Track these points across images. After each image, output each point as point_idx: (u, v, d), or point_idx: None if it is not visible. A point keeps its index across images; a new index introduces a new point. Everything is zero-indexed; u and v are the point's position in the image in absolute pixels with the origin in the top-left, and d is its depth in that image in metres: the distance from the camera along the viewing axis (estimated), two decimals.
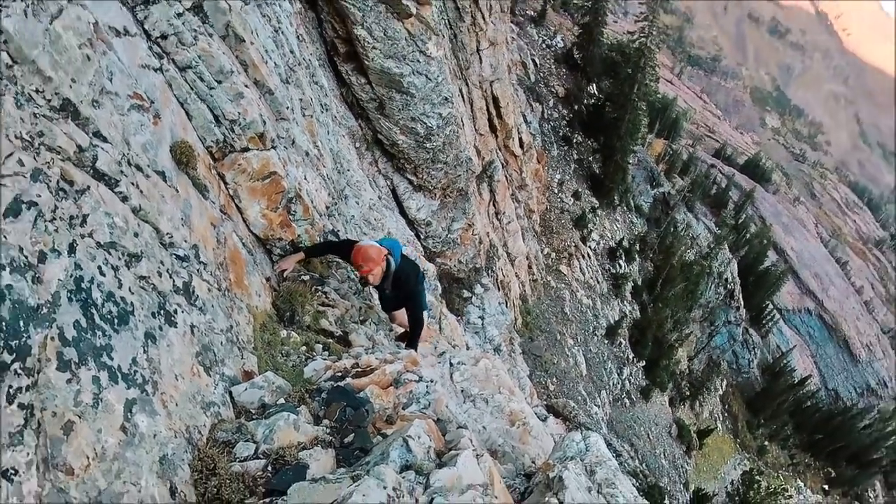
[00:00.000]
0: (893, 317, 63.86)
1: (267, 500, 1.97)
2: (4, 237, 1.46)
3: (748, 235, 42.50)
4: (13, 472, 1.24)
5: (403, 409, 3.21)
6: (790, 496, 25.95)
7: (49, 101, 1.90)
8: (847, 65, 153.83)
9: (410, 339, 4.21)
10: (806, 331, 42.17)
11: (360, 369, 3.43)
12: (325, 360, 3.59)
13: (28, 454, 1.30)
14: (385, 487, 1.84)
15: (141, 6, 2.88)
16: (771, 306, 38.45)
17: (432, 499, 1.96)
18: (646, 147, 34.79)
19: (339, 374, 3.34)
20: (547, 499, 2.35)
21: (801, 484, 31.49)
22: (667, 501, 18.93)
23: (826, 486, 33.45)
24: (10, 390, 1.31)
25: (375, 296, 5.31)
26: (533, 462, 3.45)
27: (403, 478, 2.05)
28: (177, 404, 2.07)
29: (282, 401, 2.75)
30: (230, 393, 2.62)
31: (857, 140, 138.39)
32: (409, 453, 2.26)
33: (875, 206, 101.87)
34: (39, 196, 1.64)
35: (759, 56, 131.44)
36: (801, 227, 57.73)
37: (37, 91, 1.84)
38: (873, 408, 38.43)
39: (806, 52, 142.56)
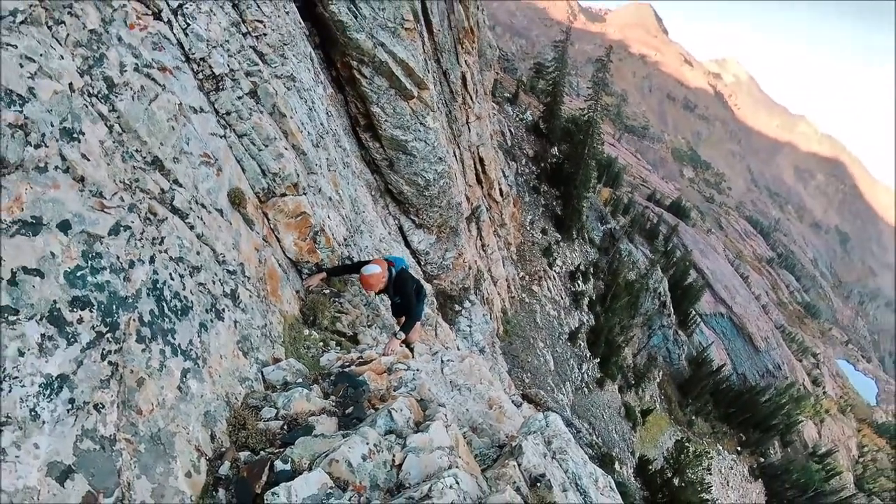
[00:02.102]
0: (783, 316, 64.67)
1: (281, 448, 2.00)
2: (107, 248, 1.59)
3: (675, 259, 42.79)
4: (101, 406, 1.36)
5: (394, 390, 3.18)
6: (711, 457, 26.10)
7: (144, 157, 2.04)
8: (739, 130, 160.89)
9: (403, 325, 4.01)
10: (720, 330, 42.25)
11: (362, 360, 3.46)
12: (337, 353, 3.55)
13: (112, 396, 1.40)
14: (367, 443, 1.89)
15: (213, 91, 3.01)
16: (694, 312, 38.67)
17: (407, 455, 1.99)
18: (596, 194, 35.28)
19: (347, 363, 3.31)
20: (509, 461, 2.37)
21: (720, 447, 31.45)
22: (617, 465, 18.61)
23: (738, 448, 33.41)
24: (104, 351, 1.43)
25: (385, 304, 5.19)
26: (506, 437, 3.43)
27: (385, 439, 2.07)
28: (220, 376, 2.12)
29: (300, 380, 2.75)
30: (262, 372, 2.64)
31: (750, 185, 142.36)
32: (392, 421, 2.27)
33: (765, 234, 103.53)
34: (133, 222, 1.77)
35: (676, 125, 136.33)
36: (714, 252, 58.07)
37: (136, 150, 1.99)
38: (771, 386, 38.78)
39: (710, 122, 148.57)
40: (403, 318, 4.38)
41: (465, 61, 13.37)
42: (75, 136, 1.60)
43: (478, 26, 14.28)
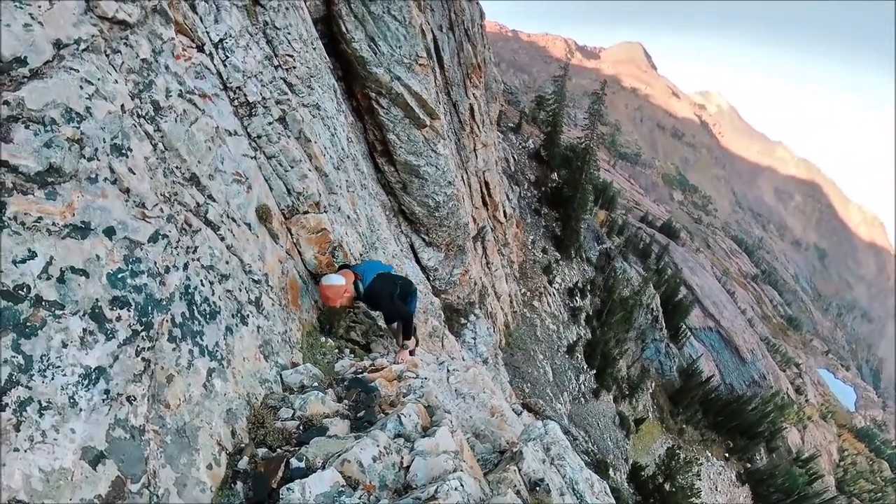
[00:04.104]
0: (767, 329, 63.39)
1: (296, 447, 1.97)
2: (147, 254, 1.61)
3: (666, 276, 42.14)
4: (133, 398, 1.36)
5: (403, 396, 3.15)
6: (701, 463, 25.47)
7: (183, 174, 2.08)
8: (723, 156, 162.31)
9: (403, 332, 3.69)
10: (709, 343, 41.34)
11: (374, 367, 3.43)
12: (350, 360, 3.51)
13: (143, 389, 1.40)
14: (378, 445, 1.86)
15: (246, 117, 3.07)
16: (684, 326, 37.96)
17: (414, 457, 1.95)
18: (592, 216, 35.10)
19: (359, 370, 3.28)
20: (510, 466, 2.32)
21: (709, 454, 30.42)
22: (611, 471, 18.04)
23: (726, 454, 32.30)
24: (138, 348, 1.43)
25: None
26: (507, 443, 3.38)
27: (394, 442, 2.04)
28: (242, 377, 2.10)
29: (316, 384, 2.72)
30: (281, 375, 2.61)
31: (734, 206, 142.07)
32: (401, 426, 2.24)
33: (749, 252, 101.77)
34: (170, 232, 1.80)
35: (666, 152, 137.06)
36: (702, 269, 57.12)
37: (176, 167, 2.03)
38: (757, 395, 37.60)
39: (696, 149, 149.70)
40: (394, 324, 4.00)
41: (473, 94, 13.67)
42: (124, 151, 1.65)
43: (484, 63, 14.65)
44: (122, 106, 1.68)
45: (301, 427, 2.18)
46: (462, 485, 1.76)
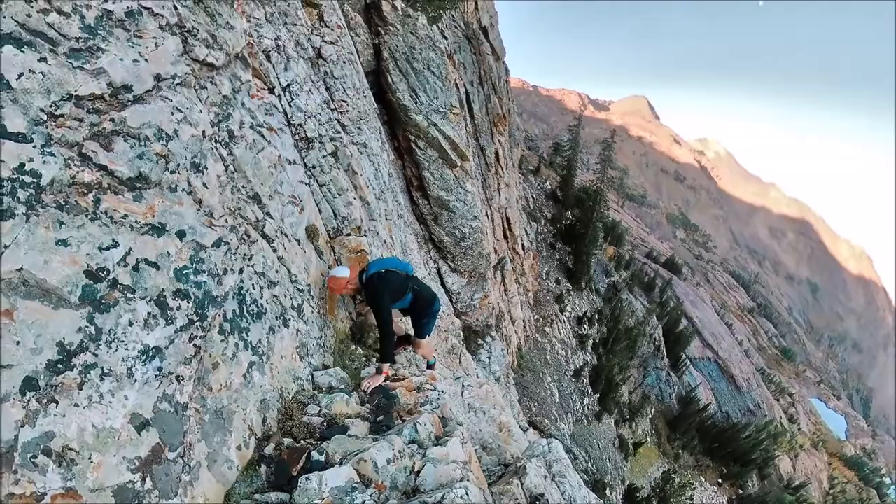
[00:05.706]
0: (762, 359, 57.67)
1: (319, 441, 1.92)
2: (209, 256, 1.66)
3: (668, 309, 39.75)
4: (181, 378, 1.36)
5: (420, 406, 3.04)
6: (695, 488, 23.44)
7: (247, 192, 2.16)
8: (721, 197, 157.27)
9: (381, 348, 2.92)
10: (707, 372, 38.05)
11: (396, 377, 3.34)
12: (376, 368, 3.55)
13: (191, 371, 1.40)
14: (393, 449, 1.80)
15: (304, 150, 3.21)
16: (684, 356, 35.36)
17: (425, 464, 1.87)
18: (602, 251, 34.07)
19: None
20: (513, 479, 2.21)
21: (703, 479, 27.21)
22: (608, 491, 16.43)
23: (720, 480, 28.78)
24: (191, 336, 1.45)
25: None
26: (512, 457, 3.20)
27: (408, 447, 1.96)
28: (278, 372, 2.09)
29: (342, 387, 2.67)
30: (312, 375, 2.57)
31: (732, 244, 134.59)
32: (416, 433, 2.17)
33: (746, 286, 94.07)
34: (231, 240, 1.85)
35: (669, 194, 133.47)
36: (702, 302, 53.20)
37: (242, 187, 2.12)
38: (751, 423, 33.77)
39: (697, 191, 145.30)
40: (420, 322, 3.40)
41: (499, 140, 13.97)
42: (201, 169, 1.75)
43: (509, 113, 15.05)
44: (204, 132, 1.80)
45: (325, 424, 2.12)
46: (467, 493, 1.63)
